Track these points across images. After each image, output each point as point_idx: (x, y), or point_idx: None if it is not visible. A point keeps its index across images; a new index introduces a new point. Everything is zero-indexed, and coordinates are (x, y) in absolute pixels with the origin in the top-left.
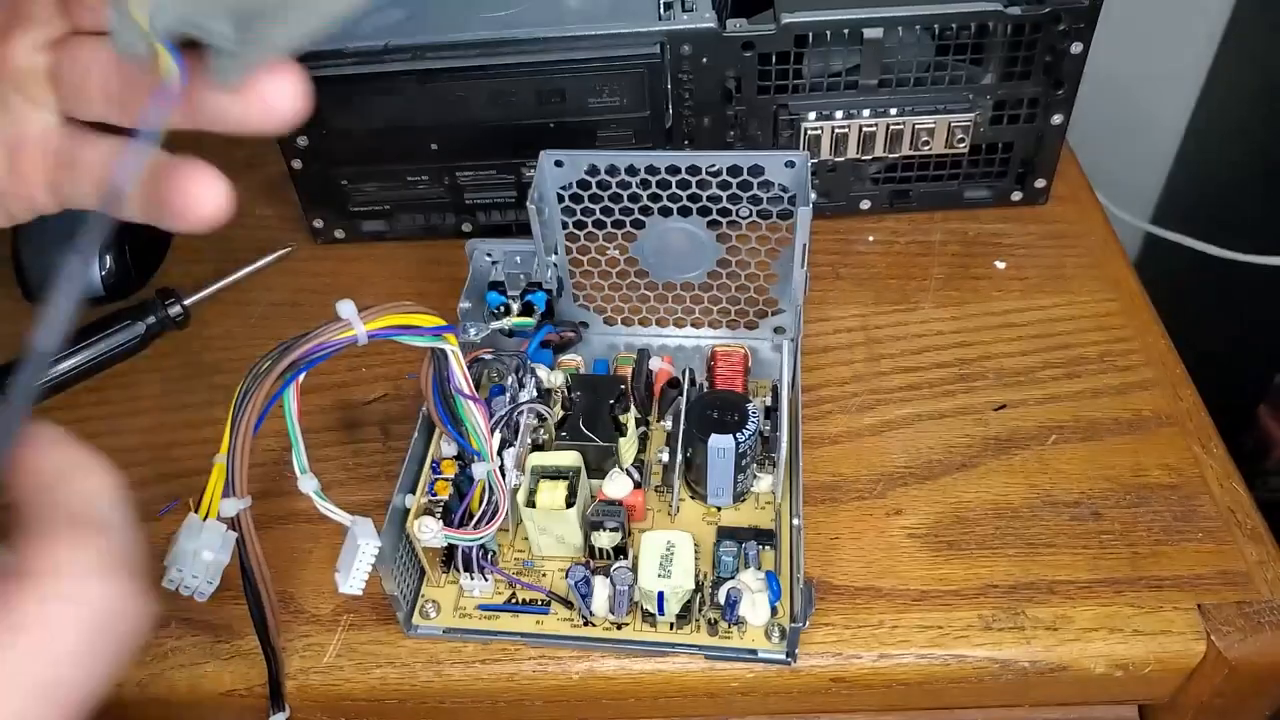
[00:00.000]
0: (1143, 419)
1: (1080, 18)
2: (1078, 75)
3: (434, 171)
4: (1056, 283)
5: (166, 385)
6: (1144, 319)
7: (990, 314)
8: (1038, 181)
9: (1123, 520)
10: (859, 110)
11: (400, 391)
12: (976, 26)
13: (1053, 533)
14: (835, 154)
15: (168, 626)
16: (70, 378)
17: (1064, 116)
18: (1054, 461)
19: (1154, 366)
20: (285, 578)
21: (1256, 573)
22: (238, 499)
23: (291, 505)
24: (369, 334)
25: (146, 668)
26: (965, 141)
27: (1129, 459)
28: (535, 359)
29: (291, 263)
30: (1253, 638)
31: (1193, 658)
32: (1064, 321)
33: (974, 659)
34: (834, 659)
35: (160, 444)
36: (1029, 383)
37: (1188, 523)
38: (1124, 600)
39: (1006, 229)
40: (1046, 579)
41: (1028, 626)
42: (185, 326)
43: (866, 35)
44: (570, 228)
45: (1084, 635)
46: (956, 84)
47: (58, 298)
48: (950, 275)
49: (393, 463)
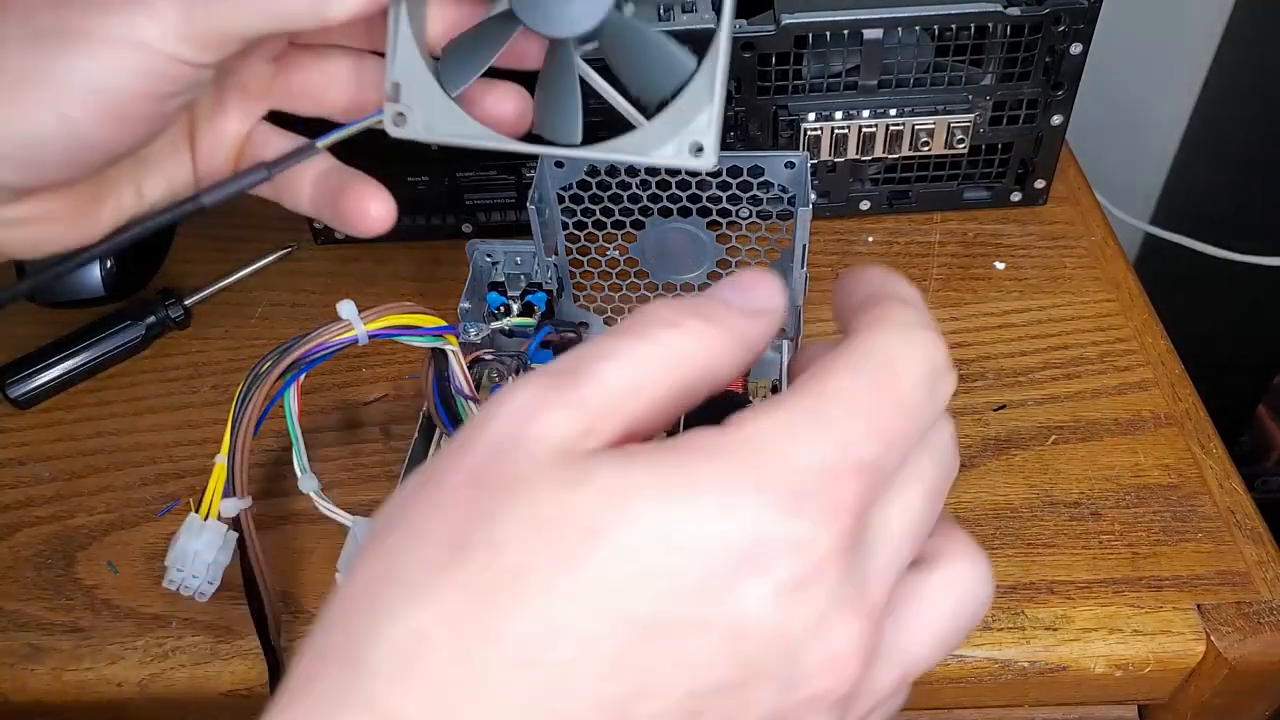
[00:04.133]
0: (1142, 419)
1: (1080, 18)
2: (1077, 76)
3: (434, 172)
4: (1056, 283)
5: (167, 385)
6: (1143, 319)
7: (989, 314)
8: (1037, 182)
9: (1122, 520)
10: (858, 111)
11: (401, 392)
12: (976, 27)
13: (1052, 533)
14: (835, 155)
15: (168, 626)
16: (71, 377)
17: (1063, 117)
18: (1053, 462)
19: (1153, 367)
20: (286, 578)
21: (1256, 573)
22: (238, 499)
23: (292, 505)
24: (369, 334)
25: (147, 667)
26: (964, 142)
27: (1128, 459)
28: (535, 359)
29: (292, 263)
30: (1252, 638)
31: (1192, 658)
32: (1063, 322)
33: (973, 659)
34: None
35: (161, 444)
36: (1028, 383)
37: (1187, 523)
38: (1123, 600)
39: (1006, 229)
40: (1046, 579)
41: (1027, 626)
42: (186, 326)
43: (866, 36)
44: (570, 228)
45: (1083, 635)
46: (956, 85)
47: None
48: (950, 276)
49: (393, 463)
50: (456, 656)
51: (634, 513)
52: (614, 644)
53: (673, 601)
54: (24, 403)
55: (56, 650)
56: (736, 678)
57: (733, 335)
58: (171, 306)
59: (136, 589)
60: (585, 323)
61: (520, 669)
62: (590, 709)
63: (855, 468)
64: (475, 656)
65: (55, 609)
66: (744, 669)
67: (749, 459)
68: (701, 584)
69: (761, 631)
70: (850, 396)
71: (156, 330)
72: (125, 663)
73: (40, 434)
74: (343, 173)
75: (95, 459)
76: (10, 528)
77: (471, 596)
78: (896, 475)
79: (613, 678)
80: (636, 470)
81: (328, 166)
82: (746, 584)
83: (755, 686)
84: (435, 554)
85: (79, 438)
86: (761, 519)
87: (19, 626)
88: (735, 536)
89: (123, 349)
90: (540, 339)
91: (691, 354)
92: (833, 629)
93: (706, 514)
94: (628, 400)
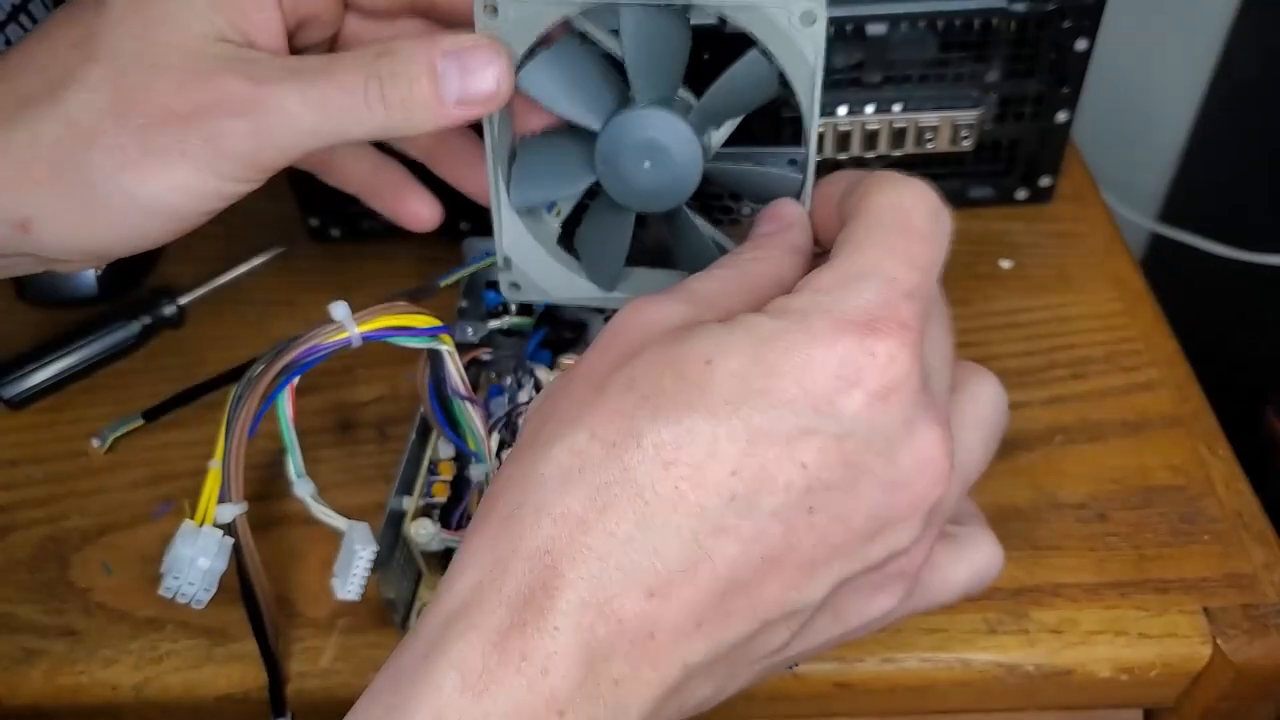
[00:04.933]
0: (1148, 420)
1: (1085, 15)
2: (1083, 73)
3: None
4: (1061, 282)
5: (161, 385)
6: (1149, 319)
7: (994, 313)
8: (1042, 180)
9: (1128, 522)
10: (862, 107)
11: (397, 392)
12: (981, 23)
13: (1058, 535)
14: (839, 152)
15: (163, 630)
16: (64, 377)
17: (1069, 114)
18: (1059, 463)
19: (1160, 367)
20: (281, 581)
21: (1263, 575)
22: (234, 505)
23: (287, 508)
24: (362, 336)
25: (142, 671)
26: (969, 139)
27: (1135, 460)
28: (534, 359)
29: (288, 262)
30: (1259, 641)
31: (1198, 661)
32: (1069, 321)
33: (978, 663)
34: (837, 663)
35: (155, 445)
36: (1034, 383)
37: (1194, 525)
38: (1129, 603)
39: (1011, 228)
40: (1051, 582)
41: (1032, 630)
42: (180, 326)
43: (869, 32)
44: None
45: (1089, 639)
46: (960, 81)
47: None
48: (954, 274)
49: (390, 465)
50: (608, 461)
51: (738, 348)
52: (736, 447)
53: (782, 412)
54: (17, 403)
55: (50, 653)
56: (844, 477)
57: (780, 249)
58: (165, 306)
59: (131, 591)
60: (584, 321)
61: (660, 467)
62: (721, 502)
63: (906, 292)
64: (624, 460)
65: (49, 612)
66: (849, 468)
67: (822, 305)
68: (804, 397)
69: (860, 432)
70: (882, 242)
71: (151, 330)
72: (120, 666)
73: (33, 434)
74: (393, 170)
75: (89, 460)
76: (3, 529)
77: (616, 416)
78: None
79: (739, 473)
80: (735, 324)
81: (377, 162)
82: (844, 395)
83: (863, 484)
84: (583, 394)
85: (73, 438)
86: (846, 344)
87: (12, 629)
88: (828, 359)
89: (116, 349)
90: (539, 339)
91: (757, 269)
92: (920, 433)
93: (798, 343)
94: (720, 300)
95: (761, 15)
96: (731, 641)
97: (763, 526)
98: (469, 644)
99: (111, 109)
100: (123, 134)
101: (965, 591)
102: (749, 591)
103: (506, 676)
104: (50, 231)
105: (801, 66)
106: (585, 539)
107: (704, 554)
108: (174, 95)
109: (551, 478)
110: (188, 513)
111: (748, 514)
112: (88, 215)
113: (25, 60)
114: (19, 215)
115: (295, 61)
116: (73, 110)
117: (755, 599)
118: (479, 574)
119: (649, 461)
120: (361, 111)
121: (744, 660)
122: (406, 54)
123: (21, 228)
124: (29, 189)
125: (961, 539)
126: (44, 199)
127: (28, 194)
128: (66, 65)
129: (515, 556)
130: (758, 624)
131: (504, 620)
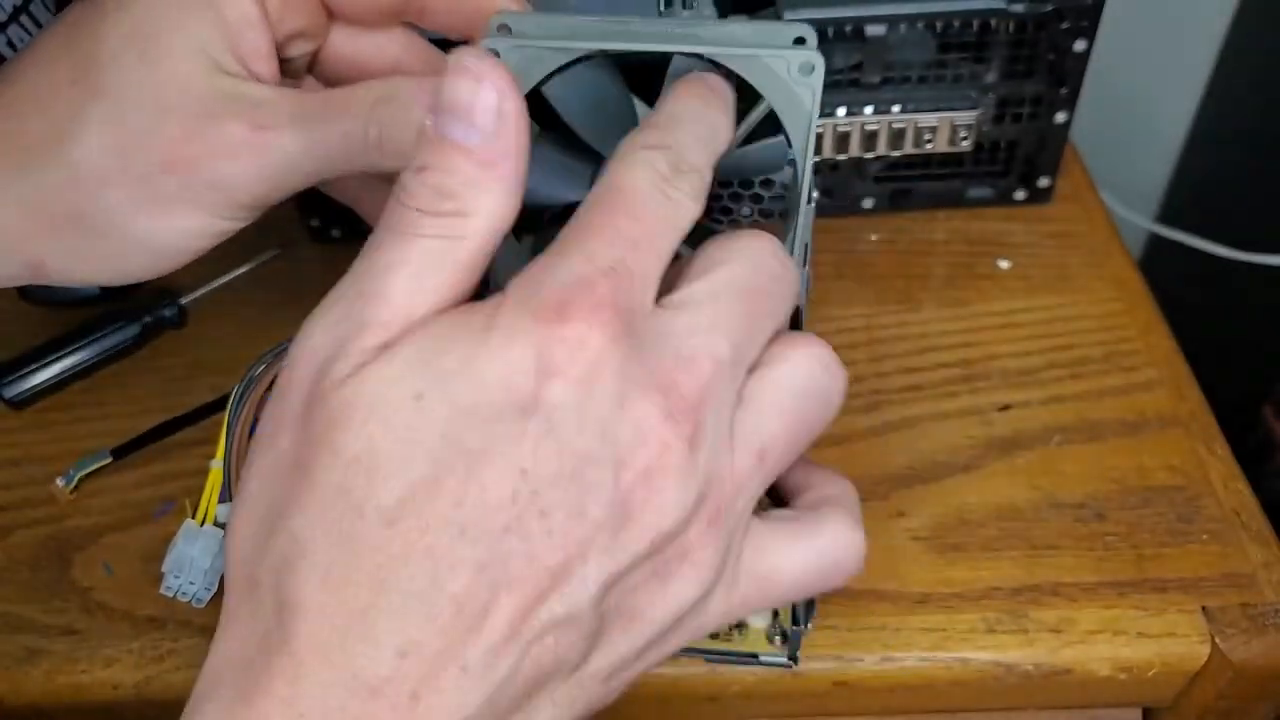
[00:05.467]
0: (1147, 420)
1: (1084, 15)
2: (1081, 73)
3: None
4: (1060, 282)
5: (163, 385)
6: (1148, 319)
7: (993, 314)
8: (1041, 180)
9: (1127, 522)
10: (861, 108)
11: None
12: (979, 24)
13: (1056, 535)
14: (837, 152)
15: (164, 629)
16: (66, 377)
17: (1067, 115)
18: (1058, 463)
19: (1158, 367)
20: None
21: (1261, 575)
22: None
23: None
24: None
25: (143, 670)
26: (968, 140)
27: (1133, 460)
28: None
29: (289, 262)
30: (1257, 640)
31: (1197, 660)
32: (1068, 321)
33: (977, 662)
34: (836, 662)
35: (156, 445)
36: (1032, 383)
37: (1192, 524)
38: (1128, 603)
39: (1010, 228)
40: (1050, 581)
41: (1031, 629)
42: (182, 326)
43: (868, 33)
44: None
45: (1088, 638)
46: (959, 82)
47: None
48: (953, 275)
49: None
50: (330, 540)
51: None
52: (456, 478)
53: (488, 421)
54: (19, 403)
55: (51, 653)
56: (567, 468)
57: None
58: (167, 306)
59: (132, 591)
60: None
61: (385, 526)
62: (450, 539)
63: (603, 270)
64: (347, 532)
65: (50, 611)
66: (569, 457)
67: (518, 299)
68: (508, 400)
69: (570, 420)
70: (584, 224)
71: (152, 330)
72: (121, 665)
73: (35, 434)
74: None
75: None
76: (5, 529)
77: (333, 498)
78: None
79: (462, 503)
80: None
81: (368, 178)
82: (545, 387)
83: (587, 471)
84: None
85: (74, 438)
86: (539, 334)
87: (14, 629)
88: (523, 356)
89: (118, 349)
90: None
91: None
92: (633, 405)
93: (495, 348)
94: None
95: (760, 64)
96: (505, 676)
97: (498, 547)
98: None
99: (116, 154)
100: (128, 180)
101: (811, 581)
102: (499, 615)
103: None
104: (61, 270)
105: (799, 114)
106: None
107: (445, 596)
108: (179, 142)
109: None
110: (189, 512)
111: (480, 540)
112: (97, 255)
113: (24, 96)
114: (34, 259)
115: (295, 102)
116: (76, 156)
117: (511, 621)
118: (231, 645)
119: (374, 528)
120: (359, 156)
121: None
122: (405, 100)
123: (35, 269)
124: (40, 237)
125: (802, 521)
126: (55, 244)
127: (40, 241)
128: (69, 106)
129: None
130: (522, 646)
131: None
